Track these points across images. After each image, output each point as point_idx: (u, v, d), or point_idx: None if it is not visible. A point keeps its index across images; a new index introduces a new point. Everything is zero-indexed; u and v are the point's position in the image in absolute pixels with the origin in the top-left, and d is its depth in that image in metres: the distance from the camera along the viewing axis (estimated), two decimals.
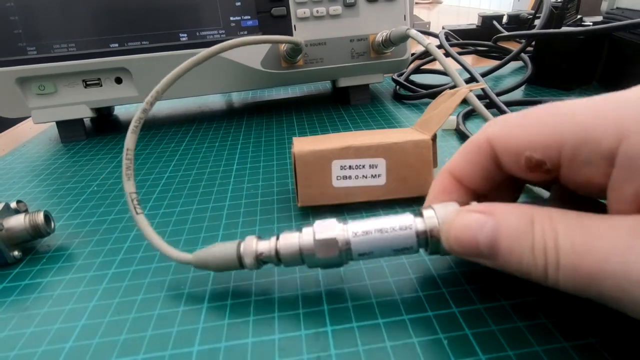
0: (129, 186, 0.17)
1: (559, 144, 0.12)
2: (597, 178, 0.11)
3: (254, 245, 0.16)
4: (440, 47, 0.41)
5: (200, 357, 0.14)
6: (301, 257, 0.15)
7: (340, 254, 0.15)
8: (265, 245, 0.16)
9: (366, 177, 0.21)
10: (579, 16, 0.51)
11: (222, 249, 0.16)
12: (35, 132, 0.42)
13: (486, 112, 0.26)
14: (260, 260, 0.16)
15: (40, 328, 0.16)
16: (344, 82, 0.38)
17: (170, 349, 0.14)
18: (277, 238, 0.16)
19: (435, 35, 0.47)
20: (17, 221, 0.20)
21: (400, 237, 0.15)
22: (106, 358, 0.14)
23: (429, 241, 0.14)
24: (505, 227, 0.12)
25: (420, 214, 0.15)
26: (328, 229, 0.15)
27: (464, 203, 0.14)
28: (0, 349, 0.15)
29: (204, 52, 0.19)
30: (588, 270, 0.10)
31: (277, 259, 0.16)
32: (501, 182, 0.15)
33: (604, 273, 0.10)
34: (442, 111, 0.21)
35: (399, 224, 0.15)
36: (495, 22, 0.59)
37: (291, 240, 0.16)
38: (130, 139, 0.18)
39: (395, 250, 0.15)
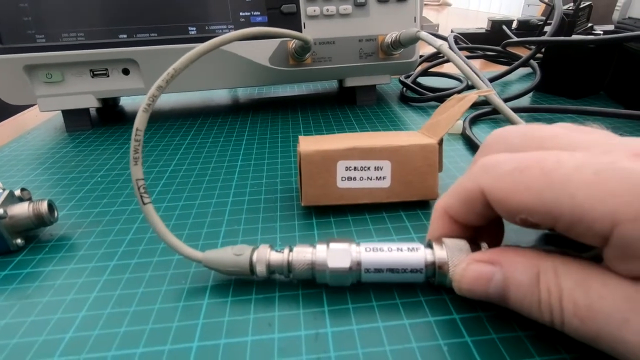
0: (137, 172, 0.16)
1: (555, 216, 0.12)
2: (593, 243, 0.12)
3: (267, 254, 0.16)
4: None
5: (199, 353, 0.14)
6: (312, 273, 0.16)
7: (351, 279, 0.16)
8: (279, 257, 0.16)
9: (371, 179, 0.21)
10: (589, 24, 0.51)
11: (234, 254, 0.16)
12: (40, 120, 0.42)
13: (511, 113, 0.26)
14: (271, 270, 0.16)
15: (41, 317, 0.16)
16: (350, 82, 0.38)
17: (169, 344, 0.14)
18: (291, 250, 0.16)
19: (444, 38, 0.47)
20: (21, 209, 0.20)
21: (410, 278, 0.16)
22: (106, 350, 0.14)
23: (436, 274, 0.15)
24: (513, 280, 0.13)
25: (431, 247, 0.16)
26: (342, 253, 0.16)
27: (470, 238, 0.16)
28: (1, 336, 0.15)
29: (229, 34, 0.18)
30: (588, 332, 0.12)
31: (288, 271, 0.16)
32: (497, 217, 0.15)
33: (602, 337, 0.11)
34: (450, 116, 0.21)
35: (410, 266, 0.15)
36: (504, 27, 0.59)
37: (304, 255, 0.16)
38: (141, 118, 0.16)
39: (402, 282, 0.16)
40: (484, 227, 0.16)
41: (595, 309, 0.11)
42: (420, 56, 0.49)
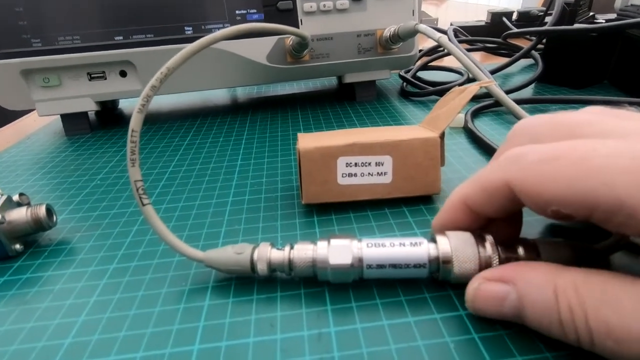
0: (134, 173, 0.16)
1: (591, 207, 0.11)
2: (634, 233, 0.11)
3: (268, 252, 0.16)
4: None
5: (200, 356, 0.14)
6: (313, 270, 0.16)
7: (353, 276, 0.15)
8: (279, 254, 0.16)
9: (372, 175, 0.21)
10: (591, 13, 0.50)
11: (235, 253, 0.16)
12: (39, 125, 0.42)
13: (513, 104, 0.26)
14: (272, 269, 0.16)
15: (40, 323, 0.16)
16: (350, 78, 0.37)
17: (170, 347, 0.14)
18: (292, 248, 0.16)
19: (444, 32, 0.46)
20: (19, 214, 0.19)
21: (413, 273, 0.15)
22: (106, 355, 0.14)
23: (440, 269, 0.15)
24: (528, 299, 0.12)
25: (434, 241, 0.15)
26: (343, 250, 0.15)
27: (475, 230, 0.15)
28: (1, 343, 0.15)
29: (224, 30, 0.18)
30: (628, 354, 0.11)
31: (290, 269, 0.16)
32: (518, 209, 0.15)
33: None
34: (451, 109, 0.21)
35: (413, 261, 0.15)
36: (504, 19, 0.58)
37: (305, 252, 0.16)
38: (136, 119, 0.16)
39: (405, 277, 0.16)
40: (501, 218, 0.15)
41: (634, 329, 0.10)
42: (420, 50, 0.49)
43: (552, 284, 0.12)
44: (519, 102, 0.33)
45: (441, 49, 0.50)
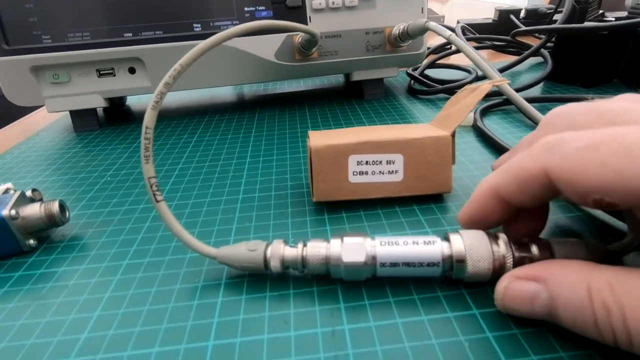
0: (148, 170, 0.16)
1: (639, 194, 0.10)
2: None
3: (282, 250, 0.16)
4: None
5: (215, 351, 0.14)
6: (326, 268, 0.16)
7: (366, 274, 0.15)
8: (293, 252, 0.16)
9: (383, 173, 0.21)
10: (601, 11, 0.50)
11: (248, 250, 0.16)
12: (49, 121, 0.42)
13: (525, 103, 0.26)
14: (285, 266, 0.16)
15: (56, 318, 0.16)
16: (358, 76, 0.37)
17: (185, 343, 0.14)
18: (305, 245, 0.16)
19: (452, 29, 0.46)
20: (33, 210, 0.20)
21: (426, 272, 0.15)
22: (122, 349, 0.14)
23: (454, 267, 0.15)
24: (560, 299, 0.12)
25: (448, 240, 0.15)
26: (357, 247, 0.15)
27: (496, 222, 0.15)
28: (17, 337, 0.15)
29: (237, 27, 0.18)
30: None
31: (302, 266, 0.16)
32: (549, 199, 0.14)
33: None
34: (463, 107, 0.21)
35: (427, 260, 0.15)
36: (512, 17, 0.58)
37: (318, 249, 0.16)
38: (149, 116, 0.16)
39: (419, 276, 0.16)
40: (526, 210, 0.15)
41: None
42: (428, 48, 0.49)
43: (585, 283, 0.12)
44: (528, 100, 0.33)
45: (449, 46, 0.50)
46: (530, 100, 0.34)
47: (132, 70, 0.35)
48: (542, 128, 0.15)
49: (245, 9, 0.34)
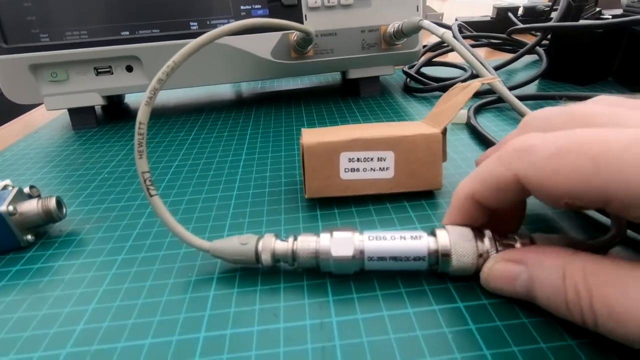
0: (142, 165, 0.16)
1: (606, 199, 0.11)
2: None
3: (272, 243, 0.16)
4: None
5: (206, 343, 0.14)
6: (316, 262, 0.16)
7: (354, 267, 0.16)
8: (283, 245, 0.16)
9: (374, 170, 0.21)
10: (597, 9, 0.50)
11: (241, 243, 0.16)
12: (47, 118, 0.42)
13: (516, 101, 0.26)
14: (276, 259, 0.16)
15: (53, 310, 0.16)
16: (354, 74, 0.38)
17: (177, 335, 0.15)
18: (295, 239, 0.16)
19: (448, 27, 0.46)
20: (30, 206, 0.20)
21: (413, 266, 0.16)
22: (116, 341, 0.14)
23: (439, 262, 0.15)
24: (538, 280, 0.13)
25: (434, 235, 0.16)
26: (345, 242, 0.16)
27: (479, 224, 0.16)
28: (15, 329, 0.15)
29: (230, 25, 0.18)
30: (629, 334, 0.11)
31: (293, 259, 0.16)
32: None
33: None
34: (454, 105, 0.21)
35: (413, 254, 0.15)
36: (510, 14, 0.58)
37: (308, 243, 0.16)
38: (143, 112, 0.16)
39: (405, 270, 0.16)
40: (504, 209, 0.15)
41: (635, 311, 0.11)
42: (424, 46, 0.49)
43: (561, 267, 0.12)
44: (523, 98, 0.33)
45: (444, 44, 0.50)
46: (525, 98, 0.34)
47: (129, 69, 0.35)
48: (521, 128, 0.16)
49: (242, 7, 0.34)
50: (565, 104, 0.14)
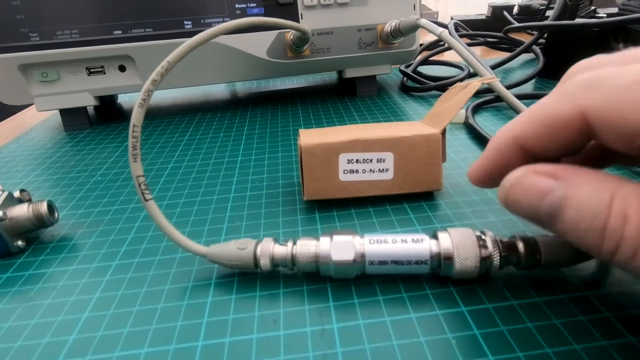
0: (136, 169, 0.16)
1: None
2: None
3: (271, 247, 0.16)
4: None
5: (204, 352, 0.14)
6: (316, 266, 0.16)
7: (355, 271, 0.16)
8: (282, 250, 0.16)
9: (373, 172, 0.21)
10: (592, 7, 0.50)
11: (238, 248, 0.16)
12: (38, 119, 0.41)
13: (515, 100, 0.26)
14: (275, 264, 0.16)
15: (44, 319, 0.16)
16: (350, 73, 0.37)
17: (174, 343, 0.14)
18: (294, 243, 0.16)
19: (445, 26, 0.46)
20: (21, 211, 0.19)
21: (415, 269, 0.15)
22: (111, 351, 0.14)
23: (442, 265, 0.15)
24: (575, 199, 0.11)
25: (436, 238, 0.15)
26: (346, 246, 0.15)
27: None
28: (5, 339, 0.15)
29: (225, 24, 0.18)
30: None
31: (292, 264, 0.16)
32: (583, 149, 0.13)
33: None
34: (453, 105, 0.21)
35: (415, 257, 0.15)
36: (505, 13, 0.58)
37: (308, 247, 0.16)
38: (137, 114, 0.16)
39: (407, 273, 0.16)
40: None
41: None
42: (420, 45, 0.49)
43: (610, 189, 0.11)
44: (519, 97, 0.33)
45: (442, 43, 0.50)
46: (522, 97, 0.34)
47: (122, 68, 0.34)
48: (571, 74, 0.13)
49: (237, 5, 0.34)
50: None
